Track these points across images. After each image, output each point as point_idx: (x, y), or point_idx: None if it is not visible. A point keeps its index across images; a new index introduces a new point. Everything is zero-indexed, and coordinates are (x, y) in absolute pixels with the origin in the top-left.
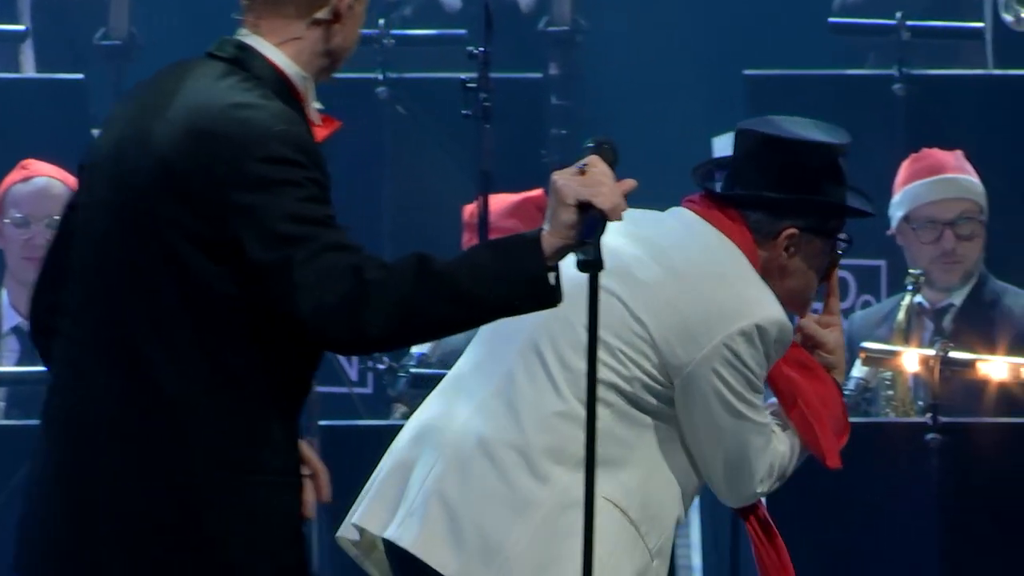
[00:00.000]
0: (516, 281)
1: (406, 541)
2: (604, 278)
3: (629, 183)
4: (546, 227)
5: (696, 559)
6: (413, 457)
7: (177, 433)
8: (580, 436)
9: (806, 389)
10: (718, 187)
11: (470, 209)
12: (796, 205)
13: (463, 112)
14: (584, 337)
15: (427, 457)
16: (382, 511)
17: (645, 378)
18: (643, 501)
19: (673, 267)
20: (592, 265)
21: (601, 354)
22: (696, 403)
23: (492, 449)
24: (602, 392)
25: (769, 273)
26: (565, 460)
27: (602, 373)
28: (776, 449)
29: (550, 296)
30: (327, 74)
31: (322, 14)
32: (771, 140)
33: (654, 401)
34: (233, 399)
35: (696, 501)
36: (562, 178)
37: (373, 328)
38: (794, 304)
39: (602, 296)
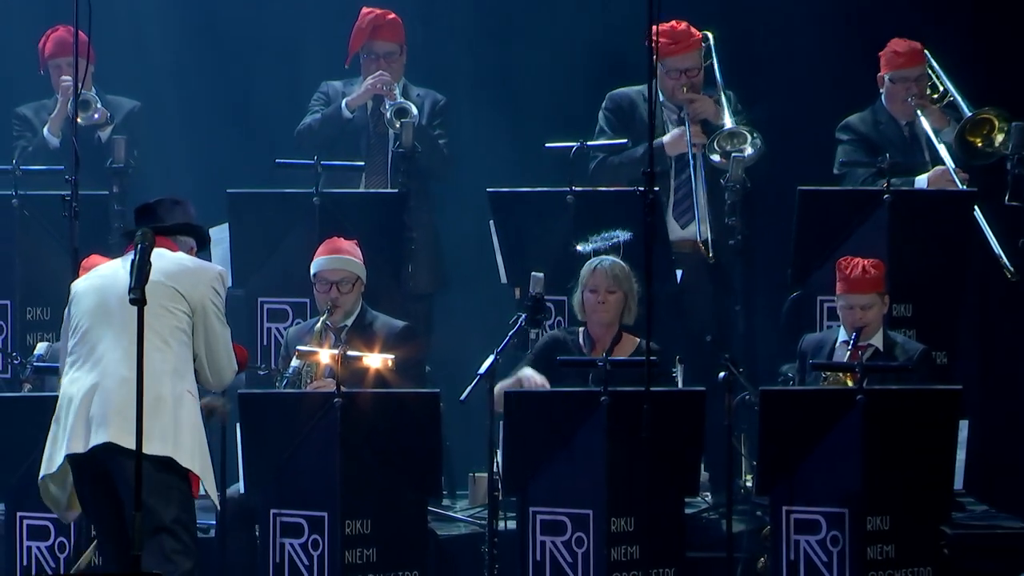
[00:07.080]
0: None
1: (103, 438)
2: (157, 276)
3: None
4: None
5: None
6: (88, 404)
7: None
8: (169, 368)
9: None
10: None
11: (84, 261)
12: (194, 231)
13: (63, 214)
14: (156, 325)
15: (97, 399)
16: (79, 439)
17: (186, 318)
18: (192, 381)
19: (166, 266)
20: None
21: (170, 319)
22: (205, 322)
23: (130, 380)
24: (176, 335)
25: None
26: (172, 377)
27: (172, 322)
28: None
29: None
30: None
31: None
32: (175, 200)
33: (192, 331)
34: None
35: None
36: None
37: None
38: None
39: (159, 289)
